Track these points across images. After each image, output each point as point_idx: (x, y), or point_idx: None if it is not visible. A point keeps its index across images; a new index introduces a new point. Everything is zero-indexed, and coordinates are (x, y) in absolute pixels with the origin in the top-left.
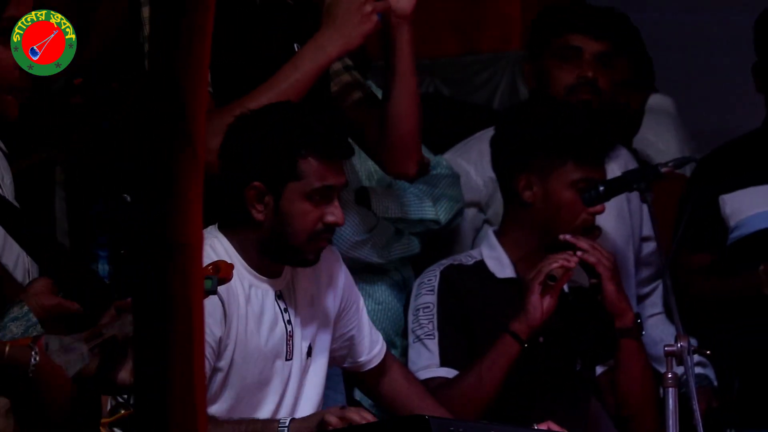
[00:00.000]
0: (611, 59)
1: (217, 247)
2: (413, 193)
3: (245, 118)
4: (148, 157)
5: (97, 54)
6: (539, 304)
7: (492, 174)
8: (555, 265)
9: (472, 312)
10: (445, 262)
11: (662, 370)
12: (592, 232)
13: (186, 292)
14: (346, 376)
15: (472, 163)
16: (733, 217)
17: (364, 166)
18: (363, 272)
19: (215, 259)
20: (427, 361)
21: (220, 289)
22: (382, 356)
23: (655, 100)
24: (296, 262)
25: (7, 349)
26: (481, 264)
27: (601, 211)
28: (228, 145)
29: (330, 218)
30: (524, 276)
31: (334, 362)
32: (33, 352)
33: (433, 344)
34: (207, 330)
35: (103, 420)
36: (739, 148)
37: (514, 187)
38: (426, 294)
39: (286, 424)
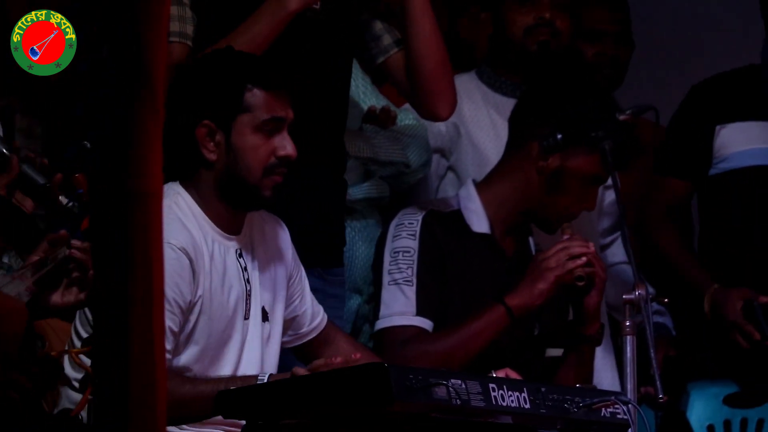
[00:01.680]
0: (568, 2)
1: (180, 204)
2: (384, 136)
3: (190, 63)
4: (107, 104)
5: None
6: (546, 293)
7: (455, 120)
8: (579, 263)
9: (447, 262)
10: (424, 206)
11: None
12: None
13: (146, 240)
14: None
15: None
16: (724, 148)
17: None
18: None
19: (180, 216)
20: (402, 308)
21: (188, 248)
22: (323, 327)
23: None
24: (253, 201)
25: None
26: (457, 214)
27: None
28: (174, 89)
29: (282, 151)
30: (504, 240)
31: None
32: None
33: (411, 291)
34: (177, 292)
35: (73, 350)
36: (735, 80)
37: (529, 149)
38: (407, 238)
39: (265, 380)
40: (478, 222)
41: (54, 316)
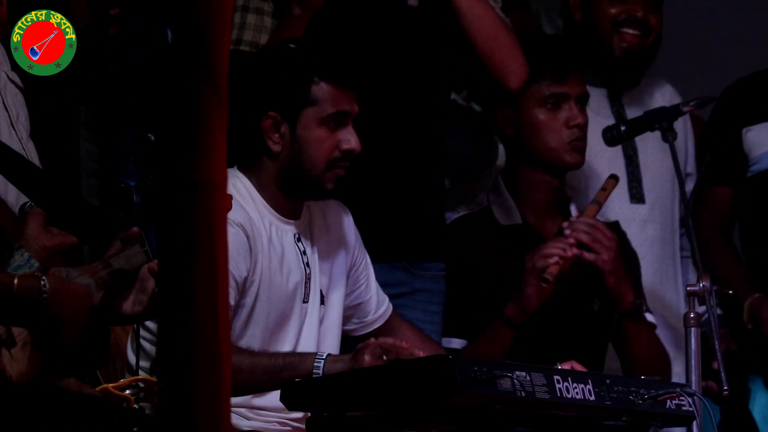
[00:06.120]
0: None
1: (239, 186)
2: None
3: (255, 54)
4: (171, 96)
5: None
6: (535, 295)
7: None
8: (551, 261)
9: (479, 266)
10: (452, 214)
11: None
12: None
13: (210, 232)
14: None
15: None
16: (754, 150)
17: None
18: None
19: (237, 197)
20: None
21: (246, 225)
22: (388, 315)
23: None
24: (315, 193)
25: (16, 280)
26: (487, 211)
27: (583, 121)
28: (239, 79)
29: (346, 145)
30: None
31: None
32: (42, 282)
33: None
34: (233, 266)
35: (110, 385)
36: (763, 80)
37: (497, 125)
38: None
39: (324, 357)
40: (507, 215)
41: (125, 323)
